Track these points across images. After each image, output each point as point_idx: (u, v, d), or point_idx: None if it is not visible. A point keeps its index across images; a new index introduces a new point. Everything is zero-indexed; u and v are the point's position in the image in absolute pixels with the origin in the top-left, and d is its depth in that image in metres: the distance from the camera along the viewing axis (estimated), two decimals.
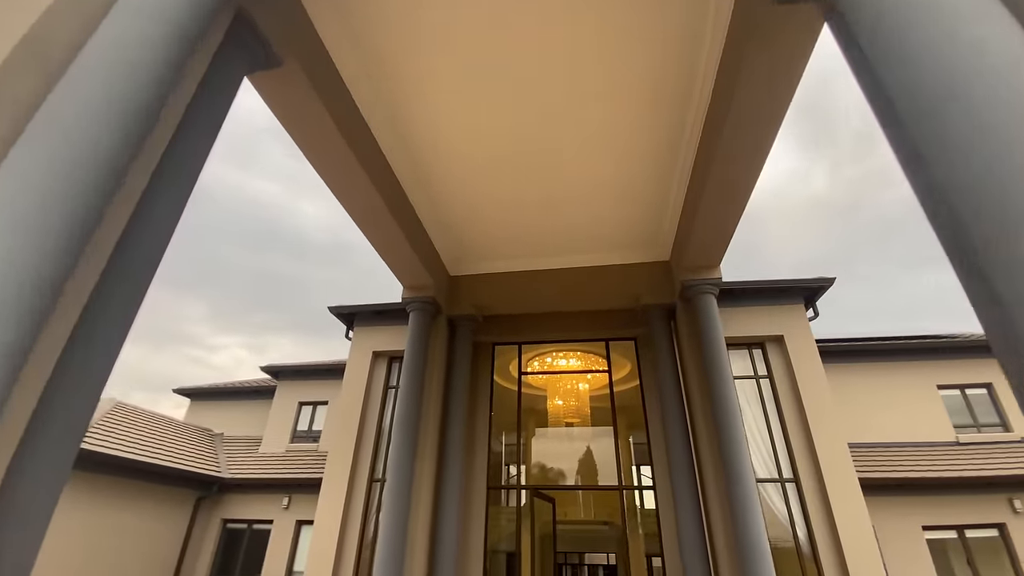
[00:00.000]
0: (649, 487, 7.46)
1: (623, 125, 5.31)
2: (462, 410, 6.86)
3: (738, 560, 5.02)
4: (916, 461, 9.05)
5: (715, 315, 6.14)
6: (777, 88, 4.02)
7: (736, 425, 5.48)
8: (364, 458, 8.43)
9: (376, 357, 9.28)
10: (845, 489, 7.19)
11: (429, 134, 5.49)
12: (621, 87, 4.91)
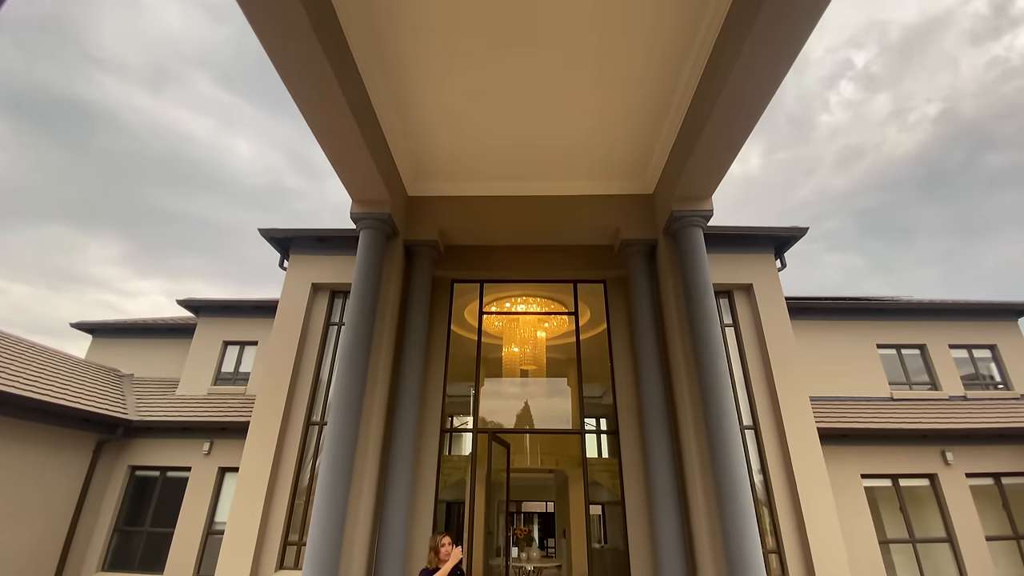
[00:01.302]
0: (613, 431, 7.09)
1: (620, 49, 4.62)
2: (419, 349, 6.08)
3: (717, 504, 4.71)
4: (856, 414, 9.33)
5: (702, 250, 5.66)
6: None
7: (721, 363, 5.10)
8: (300, 400, 7.50)
9: (316, 290, 8.20)
10: (804, 438, 7.16)
11: (402, 19, 4.46)
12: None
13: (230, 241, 76.70)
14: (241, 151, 70.40)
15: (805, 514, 6.71)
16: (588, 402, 14.15)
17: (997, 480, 8.86)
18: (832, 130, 67.04)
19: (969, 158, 63.87)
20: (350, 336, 5.22)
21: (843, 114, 65.49)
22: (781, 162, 69.59)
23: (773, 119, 64.09)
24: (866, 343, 10.91)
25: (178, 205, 69.96)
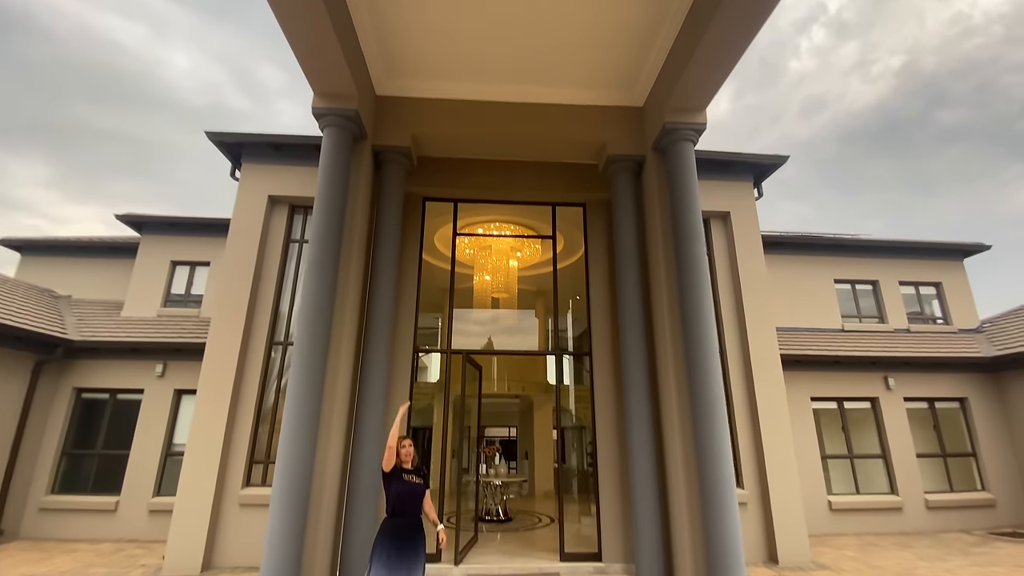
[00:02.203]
0: (585, 353, 7.10)
1: None
2: (392, 266, 5.70)
3: (692, 423, 4.78)
4: (810, 343, 9.77)
5: (692, 166, 5.41)
6: None
7: (705, 285, 5.02)
8: (260, 319, 7.09)
9: (274, 204, 7.56)
10: (768, 364, 7.41)
11: None
12: None
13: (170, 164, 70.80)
14: (178, 64, 63.50)
15: (763, 432, 7.07)
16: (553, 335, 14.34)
17: (931, 404, 9.63)
18: (800, 77, 66.84)
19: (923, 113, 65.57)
20: (316, 249, 4.78)
21: (811, 61, 65.15)
22: (749, 107, 69.42)
23: (746, 60, 63.03)
24: (824, 278, 11.27)
25: (109, 123, 63.30)
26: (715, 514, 4.39)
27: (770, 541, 6.65)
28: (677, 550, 4.76)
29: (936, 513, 8.73)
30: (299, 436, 4.26)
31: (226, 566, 6.10)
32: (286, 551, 3.99)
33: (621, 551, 6.19)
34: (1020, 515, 8.96)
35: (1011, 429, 9.41)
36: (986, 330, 11.03)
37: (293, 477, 4.15)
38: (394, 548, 3.81)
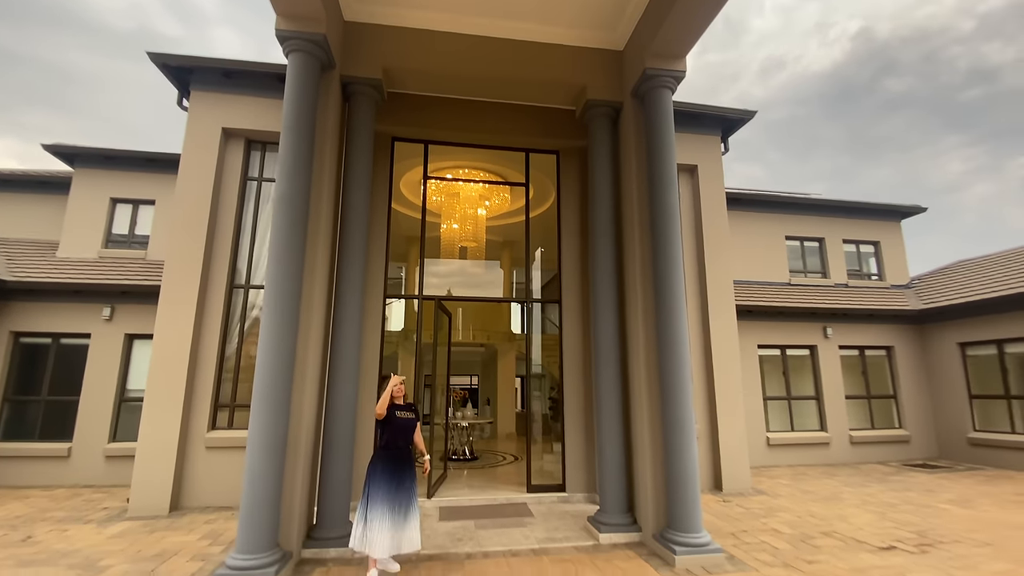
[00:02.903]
0: (555, 301, 7.25)
1: None
2: (364, 207, 5.47)
3: (657, 366, 5.03)
4: (760, 295, 10.37)
5: (670, 116, 5.42)
6: None
7: (676, 238, 5.16)
8: (219, 262, 6.77)
9: (228, 138, 7.06)
10: (724, 314, 7.84)
11: None
12: None
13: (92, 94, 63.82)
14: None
15: (715, 375, 7.58)
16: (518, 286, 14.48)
17: (861, 352, 10.54)
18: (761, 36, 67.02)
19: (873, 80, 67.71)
20: (286, 183, 4.52)
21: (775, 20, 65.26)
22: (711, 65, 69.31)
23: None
24: (777, 234, 11.83)
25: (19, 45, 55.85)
26: (675, 447, 4.73)
27: (716, 471, 7.28)
28: (639, 479, 5.13)
29: (859, 447, 9.76)
30: (275, 378, 4.19)
31: (195, 506, 6.09)
32: (266, 488, 4.01)
33: (583, 483, 6.62)
34: (931, 449, 10.16)
35: (928, 374, 10.49)
36: (915, 286, 12.03)
37: (270, 418, 4.11)
38: (393, 476, 4.13)
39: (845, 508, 6.22)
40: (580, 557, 4.55)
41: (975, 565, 4.27)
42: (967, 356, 9.88)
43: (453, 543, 4.84)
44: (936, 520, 5.65)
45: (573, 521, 5.52)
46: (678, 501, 4.60)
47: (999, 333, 9.20)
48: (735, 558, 4.47)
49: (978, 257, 12.45)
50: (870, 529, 5.34)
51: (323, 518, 4.74)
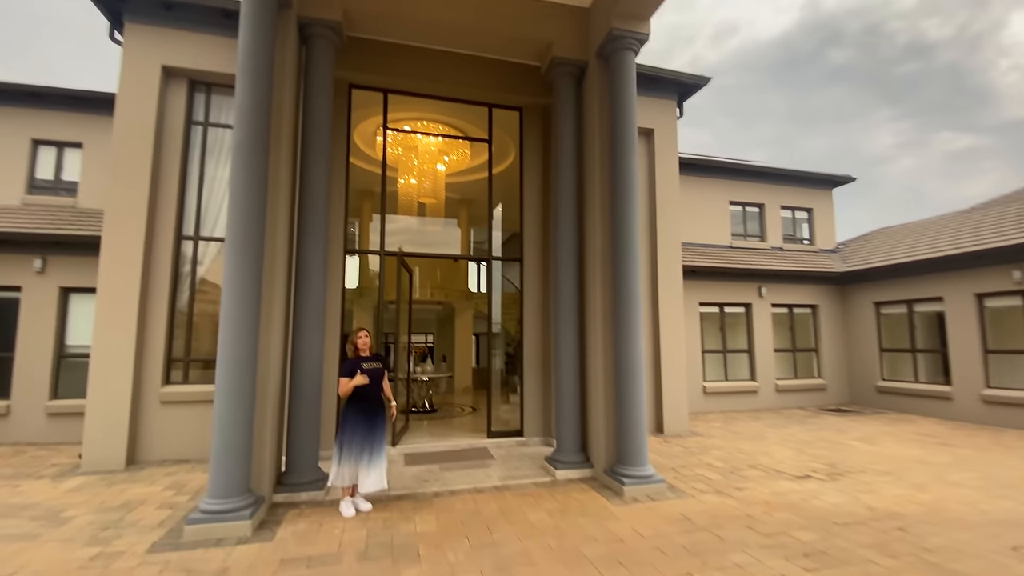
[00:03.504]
0: (516, 258, 7.44)
1: None
2: (324, 157, 5.33)
3: (613, 321, 5.37)
4: (703, 256, 11.02)
5: (633, 78, 5.57)
6: None
7: (634, 199, 5.42)
8: (165, 212, 6.45)
9: (169, 77, 6.57)
10: (672, 274, 8.33)
11: None
12: None
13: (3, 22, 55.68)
14: None
15: (661, 330, 8.13)
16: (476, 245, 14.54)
17: (790, 310, 11.52)
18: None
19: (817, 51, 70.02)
20: (244, 129, 4.33)
21: None
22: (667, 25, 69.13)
23: None
24: (722, 199, 12.46)
25: None
26: (625, 393, 5.17)
27: (659, 416, 7.95)
28: (592, 421, 5.58)
29: (783, 395, 10.85)
30: (241, 327, 4.17)
31: (152, 460, 6.04)
32: (236, 435, 4.07)
33: (539, 428, 7.07)
34: (844, 396, 11.43)
35: (846, 330, 11.66)
36: (840, 251, 13.13)
37: (237, 368, 4.12)
38: (366, 420, 4.41)
39: (769, 446, 7.03)
40: (539, 491, 4.98)
41: (875, 490, 5.02)
42: (881, 314, 11.04)
43: (420, 484, 5.14)
44: (845, 455, 6.52)
45: (531, 462, 5.95)
46: (627, 440, 5.08)
47: (909, 294, 10.32)
48: (675, 488, 5.04)
49: (896, 225, 13.69)
50: (789, 462, 6.10)
51: (293, 464, 4.88)
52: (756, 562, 3.38)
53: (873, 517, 4.22)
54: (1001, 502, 4.60)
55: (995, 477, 5.41)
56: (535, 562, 3.41)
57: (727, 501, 4.64)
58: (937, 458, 6.29)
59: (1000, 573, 3.21)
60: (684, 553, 3.53)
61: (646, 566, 3.33)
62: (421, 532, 3.96)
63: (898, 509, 4.42)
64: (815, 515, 4.27)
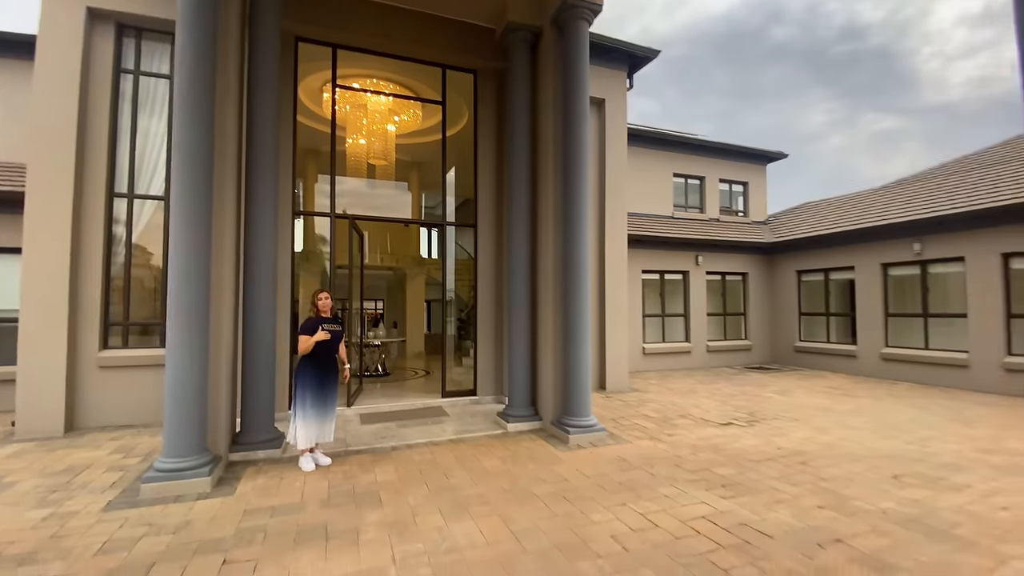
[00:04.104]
0: (470, 224, 7.56)
1: None
2: (272, 113, 5.18)
3: (563, 285, 5.68)
4: (647, 226, 11.57)
5: (586, 47, 5.72)
6: None
7: (586, 169, 5.66)
8: (95, 167, 6.04)
9: (94, 20, 6.04)
10: (617, 242, 8.75)
11: None
12: None
13: None
14: None
15: (607, 294, 8.60)
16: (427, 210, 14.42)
17: (723, 277, 12.38)
18: None
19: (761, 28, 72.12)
20: (187, 82, 4.13)
21: None
22: None
23: None
24: (666, 171, 13.02)
25: None
26: (572, 352, 5.54)
27: (602, 374, 8.50)
28: (541, 378, 5.95)
29: (713, 355, 11.78)
30: (192, 288, 4.10)
31: (93, 426, 5.87)
32: (191, 395, 4.07)
33: (492, 387, 7.41)
34: (767, 355, 12.55)
35: (772, 296, 12.71)
36: (770, 223, 14.12)
37: (188, 331, 4.06)
38: (320, 379, 4.55)
39: (698, 399, 7.74)
40: (492, 442, 5.32)
41: (785, 433, 5.73)
42: (801, 281, 12.10)
43: (378, 440, 5.35)
44: (763, 405, 7.31)
45: (484, 418, 6.29)
46: (572, 394, 5.49)
47: (826, 263, 11.36)
48: (615, 435, 5.53)
49: (820, 200, 14.83)
50: (715, 412, 6.79)
51: (248, 424, 4.93)
52: (682, 493, 3.87)
53: (781, 455, 4.86)
54: (887, 441, 5.40)
55: (885, 421, 6.30)
56: (489, 501, 3.75)
57: (659, 445, 5.18)
58: (840, 406, 7.20)
59: (880, 495, 3.87)
60: (621, 488, 3.98)
61: (588, 500, 3.75)
62: (381, 481, 4.19)
63: (802, 448, 5.10)
64: (733, 455, 4.86)
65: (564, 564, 2.84)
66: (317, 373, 4.53)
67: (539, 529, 3.28)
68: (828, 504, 3.67)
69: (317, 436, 4.54)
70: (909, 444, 5.26)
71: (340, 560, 2.89)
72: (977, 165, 10.99)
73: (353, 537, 3.19)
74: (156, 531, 3.24)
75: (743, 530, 3.24)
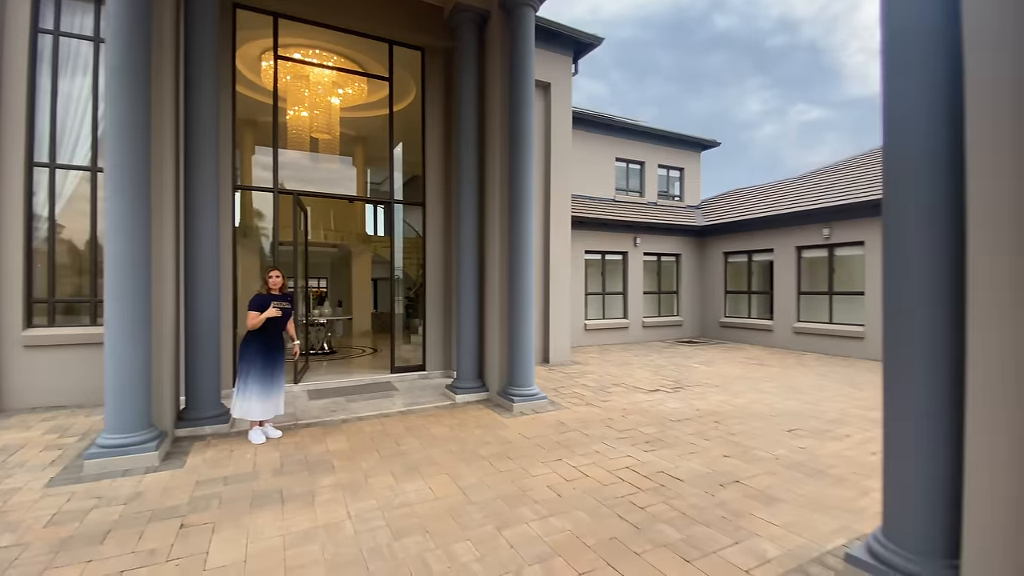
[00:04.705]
0: (418, 203, 7.66)
1: None
2: (212, 85, 5.06)
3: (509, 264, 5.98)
4: (589, 208, 12.08)
5: (531, 35, 5.93)
6: None
7: (531, 153, 5.91)
8: (11, 135, 5.64)
9: None
10: (561, 223, 9.16)
11: None
12: None
13: None
14: None
15: (551, 273, 9.02)
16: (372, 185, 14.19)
17: (658, 258, 13.17)
18: None
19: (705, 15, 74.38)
20: (121, 49, 3.99)
21: None
22: None
23: None
24: (609, 155, 13.54)
25: None
26: (518, 326, 5.89)
27: (546, 348, 8.97)
28: (488, 352, 6.27)
29: (648, 330, 12.60)
30: (133, 262, 4.03)
31: (20, 408, 5.61)
32: (134, 370, 4.04)
33: (440, 363, 7.66)
34: (696, 330, 13.55)
35: (701, 275, 13.66)
36: (703, 207, 15.05)
37: (131, 303, 4.02)
38: (267, 354, 4.64)
39: (632, 370, 8.38)
40: (440, 412, 5.62)
41: (704, 397, 6.39)
42: (728, 262, 13.10)
43: (328, 413, 5.50)
44: (688, 374, 8.03)
45: (433, 391, 6.56)
46: (517, 366, 5.86)
47: (749, 246, 12.35)
48: (555, 403, 5.98)
49: (747, 187, 15.93)
50: (646, 381, 7.41)
51: (194, 400, 4.93)
52: (611, 448, 4.35)
53: (699, 415, 5.48)
54: (789, 402, 6.18)
55: (791, 386, 7.15)
56: (438, 462, 4.05)
57: (594, 410, 5.68)
58: (754, 374, 8.04)
59: (775, 445, 4.51)
60: (558, 447, 4.40)
61: (528, 457, 4.14)
62: (333, 450, 4.39)
63: (717, 409, 5.76)
64: (658, 416, 5.43)
65: (506, 511, 3.20)
66: (263, 349, 4.60)
67: (484, 484, 3.62)
68: (733, 454, 4.26)
69: (262, 410, 4.59)
70: (806, 404, 6.06)
71: (298, 519, 3.11)
72: (879, 159, 12.24)
73: (309, 499, 3.40)
74: (106, 503, 3.30)
75: (660, 476, 3.74)
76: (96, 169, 6.05)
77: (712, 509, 3.22)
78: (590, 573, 2.52)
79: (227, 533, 2.92)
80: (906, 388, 2.25)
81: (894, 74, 2.30)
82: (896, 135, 2.30)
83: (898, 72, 2.28)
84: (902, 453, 2.28)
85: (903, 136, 2.27)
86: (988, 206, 1.85)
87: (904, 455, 2.27)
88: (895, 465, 2.32)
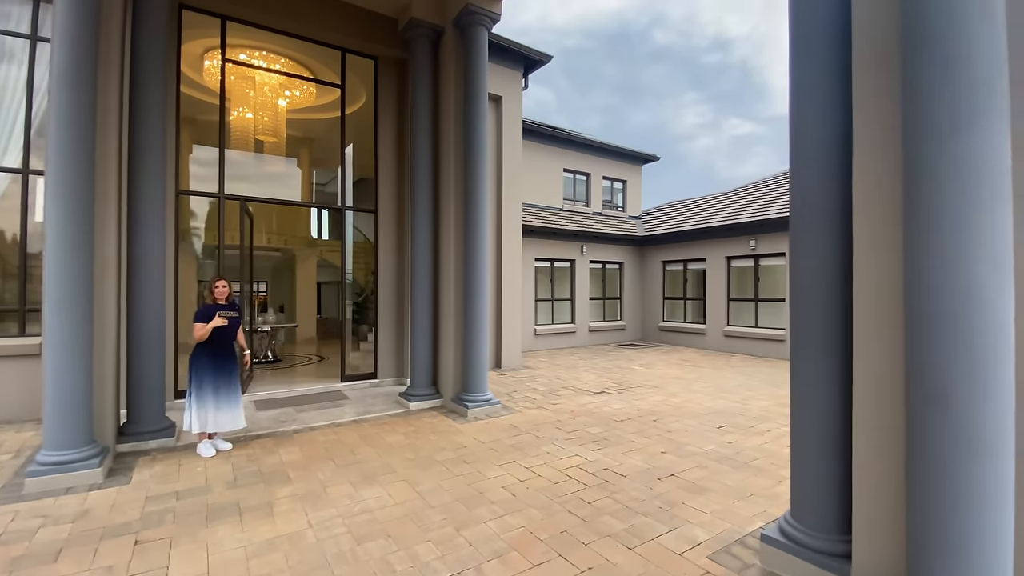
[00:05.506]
0: (370, 210, 7.67)
1: None
2: (159, 86, 4.92)
3: (463, 272, 6.17)
4: (539, 217, 12.48)
5: (485, 53, 6.17)
6: None
7: (485, 166, 6.14)
8: None
9: None
10: (513, 232, 9.45)
11: None
12: None
13: None
14: None
15: (503, 280, 9.29)
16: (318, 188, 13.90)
17: (603, 266, 13.78)
18: None
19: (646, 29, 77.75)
20: (67, 57, 3.83)
21: None
22: None
23: None
24: (557, 166, 14.02)
25: None
26: (471, 333, 6.09)
27: (498, 354, 9.21)
28: (442, 359, 6.42)
29: (594, 334, 13.15)
30: (71, 271, 3.88)
31: None
32: (74, 385, 3.87)
33: (392, 370, 7.71)
34: (637, 334, 14.26)
35: (642, 282, 14.42)
36: (643, 218, 15.88)
37: (71, 313, 3.86)
38: (218, 364, 4.57)
39: (579, 373, 8.79)
40: (395, 420, 5.71)
41: (644, 398, 6.86)
42: (666, 270, 13.91)
43: (278, 424, 5.45)
44: (630, 376, 8.53)
45: (385, 399, 6.62)
46: (471, 373, 6.06)
47: (685, 255, 13.20)
48: (508, 407, 6.23)
49: (683, 200, 16.95)
50: (592, 383, 7.82)
51: (137, 414, 4.77)
52: (561, 449, 4.65)
53: (639, 415, 5.92)
54: (719, 401, 6.75)
55: (720, 386, 7.78)
56: (395, 470, 4.18)
57: (544, 412, 5.99)
58: (688, 375, 8.67)
59: (706, 441, 4.98)
60: (511, 449, 4.65)
61: (483, 461, 4.36)
62: (288, 461, 4.40)
63: (655, 409, 6.23)
64: (603, 417, 5.81)
65: (464, 512, 3.40)
66: (213, 361, 4.52)
67: (441, 488, 3.80)
68: (669, 450, 4.68)
69: (215, 423, 4.51)
70: (734, 403, 6.65)
71: (258, 530, 3.16)
72: None
73: (267, 510, 3.44)
74: (53, 521, 3.20)
75: (605, 473, 4.07)
76: (28, 171, 5.68)
77: (651, 501, 3.58)
78: (544, 564, 2.77)
79: (186, 547, 2.94)
80: (806, 385, 2.68)
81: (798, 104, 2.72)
82: (798, 160, 2.70)
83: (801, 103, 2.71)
84: (803, 444, 2.70)
85: (803, 160, 2.67)
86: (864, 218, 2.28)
87: (805, 446, 2.69)
88: (798, 455, 2.74)
